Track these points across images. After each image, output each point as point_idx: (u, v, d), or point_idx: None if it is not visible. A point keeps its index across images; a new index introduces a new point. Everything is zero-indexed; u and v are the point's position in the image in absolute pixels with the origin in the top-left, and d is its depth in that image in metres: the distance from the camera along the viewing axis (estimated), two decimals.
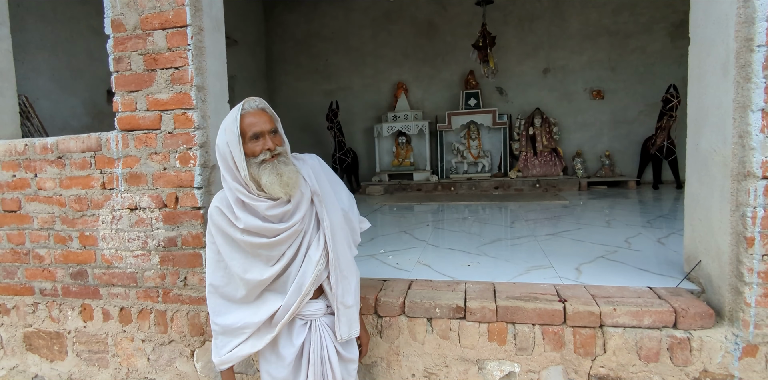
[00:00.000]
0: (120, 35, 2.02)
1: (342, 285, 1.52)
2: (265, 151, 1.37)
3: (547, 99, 7.50)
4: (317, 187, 1.50)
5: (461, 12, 7.56)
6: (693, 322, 1.68)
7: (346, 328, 1.53)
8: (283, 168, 1.37)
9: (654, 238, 3.10)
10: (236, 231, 1.43)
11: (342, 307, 1.52)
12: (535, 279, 2.19)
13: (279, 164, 1.37)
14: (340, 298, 1.51)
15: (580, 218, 4.14)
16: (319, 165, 1.58)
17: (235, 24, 7.15)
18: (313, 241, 1.49)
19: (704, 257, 1.88)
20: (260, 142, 1.37)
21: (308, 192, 1.48)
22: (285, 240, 1.44)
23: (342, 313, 1.52)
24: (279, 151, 1.39)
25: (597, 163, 7.36)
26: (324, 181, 1.55)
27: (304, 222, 1.47)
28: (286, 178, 1.36)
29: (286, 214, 1.44)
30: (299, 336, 1.52)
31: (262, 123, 1.37)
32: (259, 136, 1.37)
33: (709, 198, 1.81)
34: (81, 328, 2.33)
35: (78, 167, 2.17)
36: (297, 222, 1.44)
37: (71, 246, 2.25)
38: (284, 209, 1.43)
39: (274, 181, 1.35)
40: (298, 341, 1.52)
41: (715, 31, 1.73)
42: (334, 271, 1.50)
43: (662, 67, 6.96)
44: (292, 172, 1.39)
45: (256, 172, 1.37)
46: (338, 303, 1.51)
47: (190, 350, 2.20)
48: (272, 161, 1.37)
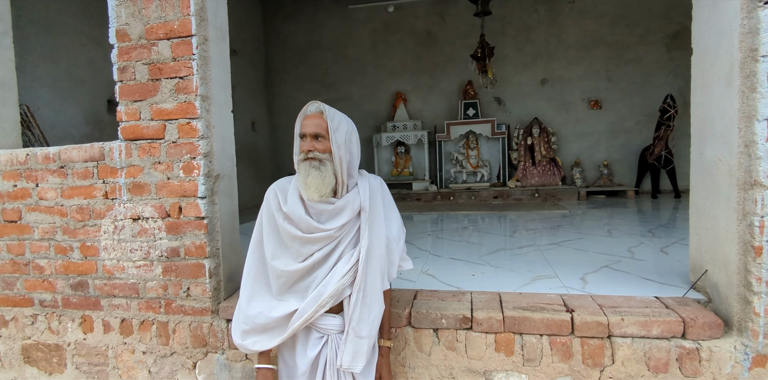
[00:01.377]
0: (124, 45, 2.02)
1: (360, 310, 1.46)
2: (303, 152, 1.45)
3: (545, 109, 7.56)
4: (367, 204, 1.50)
5: (460, 23, 7.65)
6: (702, 332, 1.67)
7: (349, 357, 1.46)
8: (312, 171, 1.43)
9: (656, 248, 3.09)
10: (280, 215, 1.50)
11: (352, 333, 1.46)
12: (541, 289, 2.18)
13: (309, 168, 1.43)
14: (354, 324, 1.46)
15: (580, 227, 4.14)
16: (379, 186, 1.60)
17: (235, 34, 7.14)
18: (346, 255, 1.49)
19: (711, 266, 1.87)
20: (303, 142, 1.47)
21: (357, 205, 1.49)
22: (317, 241, 1.46)
23: (350, 340, 1.46)
24: (314, 156, 1.44)
25: (595, 172, 7.39)
26: (378, 203, 1.55)
27: (342, 231, 1.48)
28: (309, 181, 1.42)
29: (324, 214, 1.47)
30: (313, 349, 1.51)
31: (308, 125, 1.46)
32: (303, 137, 1.47)
33: (715, 208, 1.81)
34: (81, 340, 2.29)
35: (80, 177, 2.16)
36: (335, 229, 1.46)
37: (72, 257, 2.23)
38: (324, 207, 1.46)
39: (300, 181, 1.44)
40: (312, 353, 1.50)
41: (718, 41, 1.75)
42: (357, 292, 1.46)
43: (659, 77, 7.04)
44: (317, 177, 1.42)
45: (299, 168, 1.47)
46: (350, 328, 1.46)
47: (192, 362, 2.16)
48: (305, 163, 1.44)
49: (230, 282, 2.20)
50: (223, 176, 2.14)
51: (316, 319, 1.50)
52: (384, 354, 1.63)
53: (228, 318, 2.08)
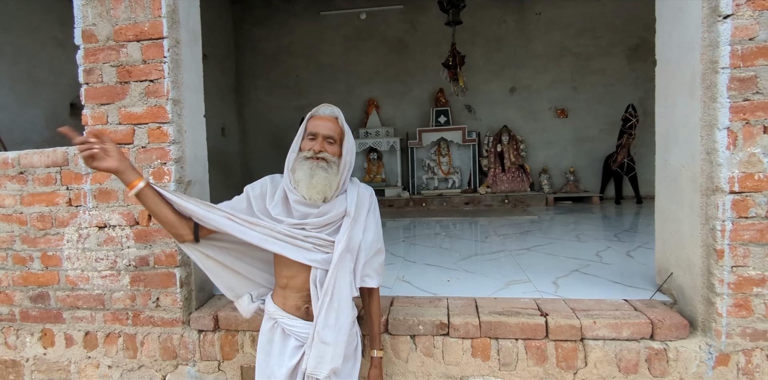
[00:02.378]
0: (91, 46, 1.95)
1: (325, 315, 1.41)
2: (311, 150, 1.42)
3: (514, 117, 7.73)
4: (352, 209, 1.49)
5: (431, 31, 7.75)
6: (669, 333, 1.73)
7: (313, 363, 1.41)
8: (319, 171, 1.41)
9: (622, 252, 3.20)
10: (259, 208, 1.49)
11: (317, 338, 1.41)
12: (515, 294, 2.21)
13: (316, 167, 1.41)
14: (319, 328, 1.41)
15: (549, 233, 4.23)
16: (368, 195, 1.58)
17: (205, 38, 6.98)
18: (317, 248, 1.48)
19: (676, 269, 1.95)
20: (313, 142, 1.44)
21: (342, 209, 1.48)
22: None
23: (315, 345, 1.41)
24: (324, 156, 1.43)
25: (562, 178, 7.60)
26: (362, 211, 1.53)
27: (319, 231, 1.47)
28: (314, 181, 1.40)
29: (309, 216, 1.45)
30: (293, 358, 1.47)
31: (322, 127, 1.45)
32: (314, 136, 1.44)
33: (679, 213, 1.89)
34: (40, 355, 2.17)
35: (42, 183, 2.06)
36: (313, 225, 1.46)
37: (32, 268, 2.12)
38: (309, 210, 1.45)
39: (303, 179, 1.40)
40: (291, 362, 1.47)
41: (681, 53, 1.84)
42: (324, 295, 1.42)
43: (621, 87, 7.32)
44: (323, 178, 1.41)
45: (296, 166, 1.43)
46: (315, 332, 1.41)
47: (162, 375, 2.08)
48: (312, 161, 1.42)
49: (201, 291, 2.14)
50: (195, 182, 2.09)
51: (297, 326, 1.48)
52: (376, 364, 1.60)
53: (199, 328, 2.02)
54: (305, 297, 1.49)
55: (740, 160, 1.62)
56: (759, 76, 1.60)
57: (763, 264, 1.64)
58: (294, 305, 1.50)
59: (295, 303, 1.50)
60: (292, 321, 1.49)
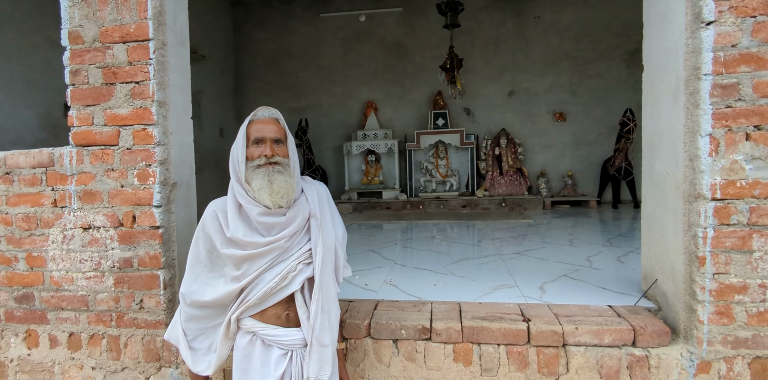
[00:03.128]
0: (77, 47, 1.96)
1: (321, 319, 1.43)
2: (262, 156, 1.38)
3: (512, 120, 7.73)
4: (317, 211, 1.47)
5: (429, 34, 7.76)
6: (651, 340, 1.72)
7: (316, 368, 1.42)
8: (277, 176, 1.37)
9: (614, 257, 3.19)
10: (221, 242, 1.42)
11: (316, 343, 1.42)
12: (500, 299, 2.21)
13: (273, 172, 1.37)
14: (317, 333, 1.42)
15: (544, 237, 4.22)
16: (325, 193, 1.57)
17: (204, 39, 7.08)
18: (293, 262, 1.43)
19: (660, 276, 1.94)
20: (260, 147, 1.40)
21: (306, 212, 1.45)
22: (268, 253, 1.40)
23: (315, 350, 1.42)
24: (277, 160, 1.40)
25: (560, 182, 7.59)
26: (326, 209, 1.52)
27: (292, 241, 1.43)
28: (276, 187, 1.36)
29: (276, 227, 1.41)
30: (278, 367, 1.44)
31: (266, 130, 1.41)
32: (260, 141, 1.40)
33: (664, 219, 1.88)
34: (25, 356, 2.17)
35: (27, 184, 2.06)
36: (284, 238, 1.40)
37: (17, 268, 2.12)
38: (276, 220, 1.40)
39: (264, 187, 1.36)
40: (278, 372, 1.44)
41: (666, 59, 1.83)
42: (316, 301, 1.42)
43: (619, 91, 7.31)
44: (284, 182, 1.38)
45: (251, 176, 1.38)
46: (313, 338, 1.42)
47: (145, 377, 2.08)
48: (267, 167, 1.38)
49: None
50: (180, 184, 2.09)
51: (280, 335, 1.45)
52: (340, 356, 1.61)
53: None
54: (284, 304, 1.46)
55: (722, 166, 1.61)
56: (741, 83, 1.59)
57: (744, 272, 1.63)
58: (273, 314, 1.46)
59: (275, 312, 1.46)
60: (274, 330, 1.45)
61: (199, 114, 6.89)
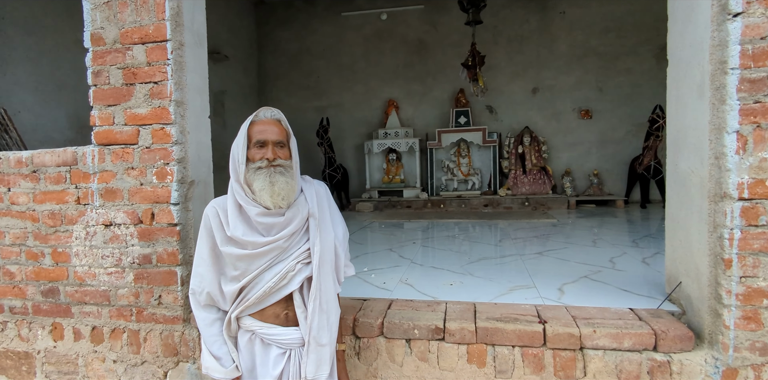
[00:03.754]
0: (99, 49, 2.01)
1: (319, 319, 1.43)
2: (263, 159, 1.38)
3: (536, 118, 7.59)
4: (316, 210, 1.47)
5: (451, 31, 7.69)
6: (673, 345, 1.65)
7: (313, 367, 1.43)
8: (278, 177, 1.37)
9: (639, 258, 3.09)
10: (221, 239, 1.43)
11: (314, 343, 1.42)
12: (517, 300, 2.16)
13: (274, 173, 1.37)
14: (314, 333, 1.42)
15: (567, 237, 4.13)
16: (324, 192, 1.56)
17: (227, 39, 7.20)
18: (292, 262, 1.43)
19: (684, 278, 1.86)
20: (262, 150, 1.39)
21: (305, 212, 1.45)
22: (267, 253, 1.40)
23: (312, 350, 1.42)
24: (279, 163, 1.40)
25: (586, 181, 7.41)
26: (325, 209, 1.52)
27: (290, 241, 1.43)
28: (277, 188, 1.36)
29: (276, 227, 1.41)
30: (277, 366, 1.46)
31: (269, 132, 1.40)
32: (263, 144, 1.39)
33: (688, 219, 1.81)
34: (51, 348, 2.25)
35: (53, 182, 2.13)
36: (283, 238, 1.40)
37: (43, 263, 2.19)
38: (275, 220, 1.40)
39: (265, 189, 1.36)
40: (276, 371, 1.45)
41: (691, 53, 1.76)
42: (314, 300, 1.42)
43: (648, 88, 7.08)
44: (285, 183, 1.38)
45: (251, 177, 1.38)
46: (311, 338, 1.42)
47: (163, 371, 2.13)
48: (268, 169, 1.38)
49: None
50: (198, 182, 2.12)
51: (278, 334, 1.46)
52: (340, 358, 1.60)
53: None
54: (283, 303, 1.46)
55: (750, 165, 1.53)
56: None
57: None
58: (272, 314, 1.46)
59: (274, 311, 1.46)
60: (272, 329, 1.46)
61: (223, 113, 7.01)
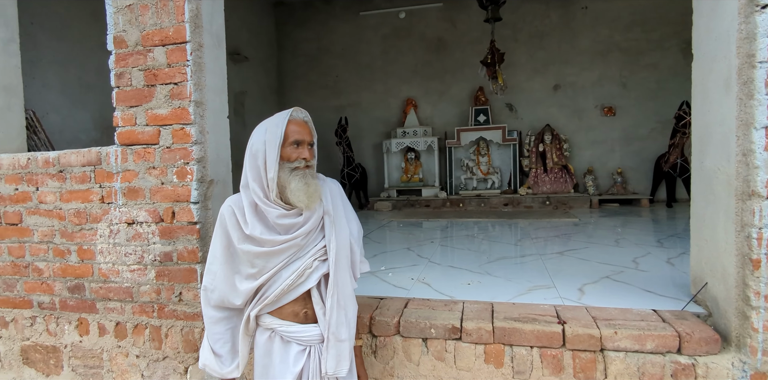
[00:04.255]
0: (122, 51, 2.06)
1: (337, 315, 1.44)
2: (301, 159, 1.40)
3: (557, 115, 7.46)
4: (330, 208, 1.49)
5: (470, 29, 7.62)
6: (698, 348, 1.61)
7: (333, 363, 1.44)
8: (311, 180, 1.41)
9: (664, 258, 3.01)
10: (238, 237, 1.43)
11: (333, 339, 1.44)
12: (536, 300, 2.13)
13: (308, 175, 1.41)
14: (333, 329, 1.43)
15: (589, 237, 4.05)
16: (337, 190, 1.57)
17: (247, 40, 7.29)
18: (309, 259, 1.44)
19: (710, 279, 1.81)
20: (299, 150, 1.41)
21: (321, 210, 1.47)
22: (285, 251, 1.41)
23: (332, 345, 1.44)
24: (311, 164, 1.44)
25: (609, 180, 7.26)
26: (339, 206, 1.53)
27: (307, 238, 1.45)
28: (312, 189, 1.39)
29: (294, 226, 1.42)
30: (297, 363, 1.46)
31: (304, 133, 1.43)
32: (299, 144, 1.41)
33: (715, 218, 1.75)
34: (77, 343, 2.32)
35: (78, 181, 2.19)
36: (301, 236, 1.42)
37: (69, 260, 2.26)
38: (294, 221, 1.42)
39: (301, 189, 1.37)
40: (297, 368, 1.45)
41: (717, 47, 1.70)
42: (331, 297, 1.44)
43: (675, 83, 6.89)
44: (317, 185, 1.42)
45: (286, 177, 1.39)
46: (329, 334, 1.43)
47: (184, 367, 2.17)
48: (304, 170, 1.41)
49: None
50: (217, 181, 2.15)
51: (298, 332, 1.46)
52: (358, 354, 1.61)
53: None
54: (302, 301, 1.47)
55: None
56: None
57: None
58: (291, 311, 1.47)
59: (292, 309, 1.47)
60: (292, 327, 1.47)
61: (243, 113, 7.11)
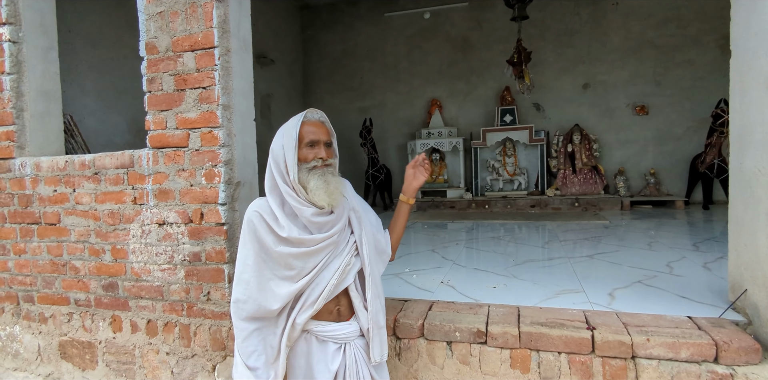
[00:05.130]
0: (153, 57, 2.12)
1: (375, 304, 1.51)
2: (318, 159, 1.42)
3: (586, 115, 7.29)
4: (356, 204, 1.55)
5: (497, 28, 7.53)
6: (736, 357, 1.54)
7: (379, 349, 1.50)
8: (331, 177, 1.42)
9: (700, 263, 2.89)
10: (273, 241, 1.39)
11: (375, 327, 1.49)
12: (564, 304, 2.08)
13: (327, 173, 1.42)
14: (374, 317, 1.49)
15: (621, 239, 3.93)
16: (351, 188, 1.61)
17: (273, 44, 7.39)
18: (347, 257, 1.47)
19: (750, 285, 1.72)
20: (314, 150, 1.43)
21: (348, 207, 1.51)
22: (323, 250, 1.42)
23: (375, 333, 1.49)
24: (330, 162, 1.45)
25: (641, 181, 7.04)
26: (357, 201, 1.58)
27: (341, 236, 1.48)
28: (332, 187, 1.40)
29: (327, 224, 1.45)
30: (334, 361, 1.47)
31: (319, 133, 1.44)
32: (314, 144, 1.43)
33: (755, 222, 1.67)
34: (111, 339, 2.40)
35: (112, 183, 2.27)
36: (336, 234, 1.45)
37: (104, 259, 2.34)
38: (327, 219, 1.44)
39: (321, 187, 1.39)
40: (334, 366, 1.46)
41: (756, 43, 1.62)
42: (370, 289, 1.50)
43: (712, 81, 6.63)
44: (338, 182, 1.44)
45: (305, 177, 1.40)
46: (372, 323, 1.49)
47: (212, 364, 2.21)
48: (322, 169, 1.42)
49: None
50: (244, 183, 2.19)
51: (335, 330, 1.47)
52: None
53: None
54: (335, 300, 1.48)
55: None
56: None
57: None
58: (326, 310, 1.47)
59: (327, 308, 1.47)
60: (328, 326, 1.47)
61: (269, 116, 7.22)
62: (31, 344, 2.58)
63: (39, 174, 2.44)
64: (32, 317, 2.56)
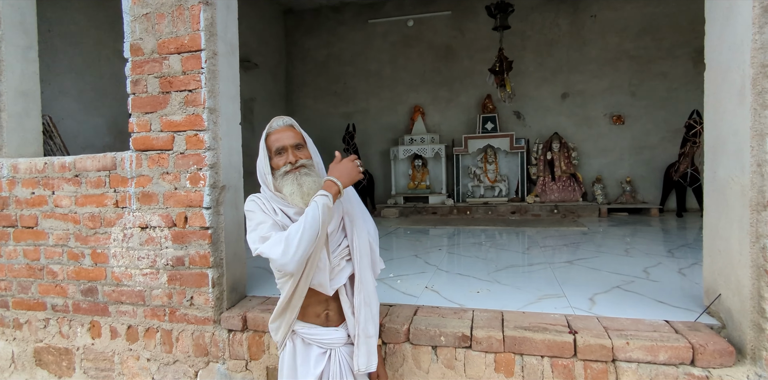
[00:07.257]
0: (138, 59, 2.09)
1: (364, 311, 1.48)
2: (287, 163, 1.43)
3: (565, 123, 7.45)
4: (350, 208, 1.52)
5: (479, 37, 7.66)
6: (712, 360, 1.59)
7: (365, 359, 1.47)
8: (304, 178, 1.42)
9: (675, 268, 2.98)
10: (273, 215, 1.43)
11: (363, 336, 1.47)
12: (546, 309, 2.12)
13: (300, 175, 1.42)
14: (362, 326, 1.47)
15: (597, 246, 4.02)
16: (352, 192, 1.60)
17: (257, 48, 7.36)
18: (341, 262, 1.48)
19: (724, 290, 1.79)
20: (283, 156, 1.44)
21: (340, 210, 1.50)
22: None
23: (362, 342, 1.47)
24: (302, 163, 1.45)
25: (618, 189, 7.21)
26: (356, 206, 1.56)
27: (333, 236, 1.47)
28: (306, 188, 1.40)
29: None
30: (318, 365, 1.49)
31: (284, 138, 1.45)
32: (281, 150, 1.45)
33: (728, 229, 1.74)
34: (89, 345, 2.34)
35: (93, 185, 2.23)
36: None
37: (83, 263, 2.29)
38: None
39: (295, 191, 1.40)
40: (317, 370, 1.48)
41: (730, 56, 1.70)
42: (359, 295, 1.48)
43: (685, 92, 6.86)
44: (312, 182, 1.42)
45: (279, 183, 1.43)
46: (359, 331, 1.47)
47: (194, 371, 2.17)
48: (294, 172, 1.43)
49: (233, 292, 2.22)
50: (229, 187, 2.17)
51: (319, 334, 1.49)
52: (378, 353, 1.61)
53: (229, 328, 2.09)
54: (324, 303, 1.50)
55: None
56: None
57: None
58: (313, 313, 1.50)
59: (314, 311, 1.50)
60: (313, 329, 1.50)
61: (252, 120, 7.16)
62: (4, 351, 2.49)
63: (16, 176, 2.38)
64: (6, 323, 2.48)
